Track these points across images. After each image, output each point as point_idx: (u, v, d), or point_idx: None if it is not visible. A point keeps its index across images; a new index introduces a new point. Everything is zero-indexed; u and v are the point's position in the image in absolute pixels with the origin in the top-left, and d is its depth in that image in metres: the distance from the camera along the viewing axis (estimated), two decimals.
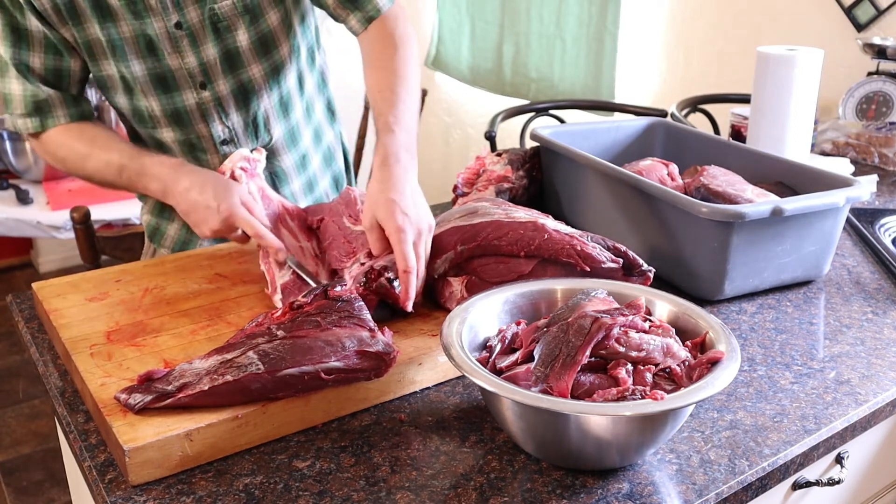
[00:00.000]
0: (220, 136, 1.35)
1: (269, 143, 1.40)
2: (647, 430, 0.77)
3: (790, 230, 1.14)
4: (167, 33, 1.24)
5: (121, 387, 0.85)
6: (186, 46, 1.26)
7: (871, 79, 1.92)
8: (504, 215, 1.05)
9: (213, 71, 1.30)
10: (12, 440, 2.58)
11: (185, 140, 1.33)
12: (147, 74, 1.26)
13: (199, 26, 1.26)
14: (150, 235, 1.48)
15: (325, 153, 1.53)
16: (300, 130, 1.45)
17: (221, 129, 1.34)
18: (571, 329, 0.80)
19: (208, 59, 1.28)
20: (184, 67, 1.27)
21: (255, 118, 1.37)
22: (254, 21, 1.29)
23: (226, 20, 1.27)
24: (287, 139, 1.43)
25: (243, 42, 1.30)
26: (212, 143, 1.35)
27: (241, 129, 1.36)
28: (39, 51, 1.22)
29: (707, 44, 2.58)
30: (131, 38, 1.23)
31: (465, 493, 0.77)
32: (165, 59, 1.26)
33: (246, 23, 1.29)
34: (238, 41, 1.29)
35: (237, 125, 1.35)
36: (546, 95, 3.08)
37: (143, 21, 1.22)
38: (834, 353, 1.03)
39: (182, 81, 1.29)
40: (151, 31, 1.23)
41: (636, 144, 1.55)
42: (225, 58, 1.30)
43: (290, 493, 0.77)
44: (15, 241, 3.67)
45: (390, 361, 0.87)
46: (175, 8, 1.22)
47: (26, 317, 1.11)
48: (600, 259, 1.00)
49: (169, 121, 1.31)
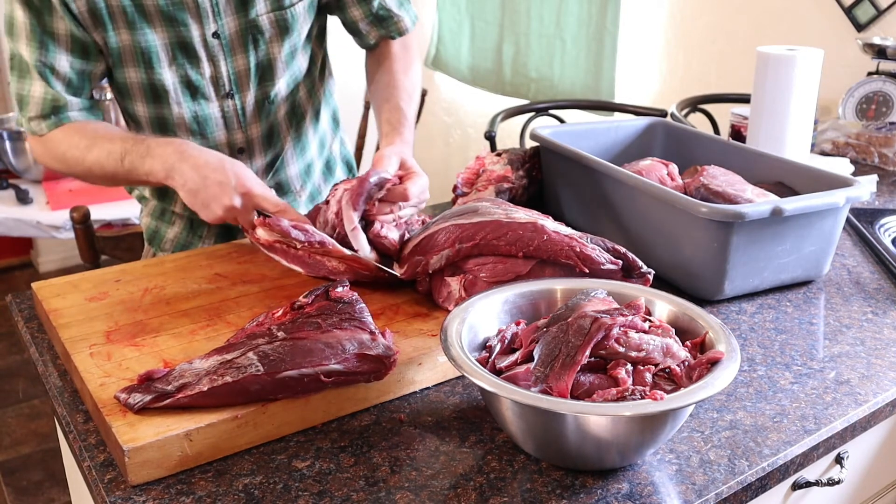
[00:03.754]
0: (238, 144, 1.36)
1: (279, 152, 1.41)
2: (647, 430, 0.77)
3: (790, 230, 1.14)
4: (203, 42, 1.24)
5: (120, 387, 0.85)
6: (220, 56, 1.27)
7: (871, 79, 1.92)
8: (504, 215, 1.05)
9: (242, 81, 1.30)
10: (12, 440, 2.58)
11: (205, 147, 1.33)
12: (178, 82, 1.26)
13: (237, 36, 1.27)
14: (149, 239, 1.48)
15: (328, 161, 1.54)
16: (308, 140, 1.47)
17: (240, 139, 1.35)
18: (571, 329, 0.80)
19: (240, 69, 1.29)
20: (215, 76, 1.28)
21: (271, 128, 1.38)
22: (288, 34, 1.31)
23: (263, 32, 1.28)
24: (296, 149, 1.44)
25: (276, 54, 1.32)
26: (228, 151, 1.35)
27: (257, 139, 1.37)
28: (66, 53, 1.20)
29: (707, 44, 2.58)
30: (165, 45, 1.23)
31: (464, 493, 0.77)
32: (198, 67, 1.26)
33: (281, 36, 1.30)
34: (272, 53, 1.31)
35: (254, 135, 1.36)
36: (546, 95, 3.08)
37: (180, 29, 1.22)
38: (834, 353, 1.03)
39: (210, 90, 1.29)
40: (188, 39, 1.23)
41: (636, 144, 1.55)
42: (257, 69, 1.31)
43: (290, 493, 0.77)
44: (15, 240, 3.67)
45: (390, 364, 0.87)
46: (215, 17, 1.23)
47: (26, 317, 1.11)
48: (599, 261, 1.00)
49: (190, 128, 1.31)
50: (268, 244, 1.11)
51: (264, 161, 1.40)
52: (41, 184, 2.66)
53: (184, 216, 1.43)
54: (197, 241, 1.44)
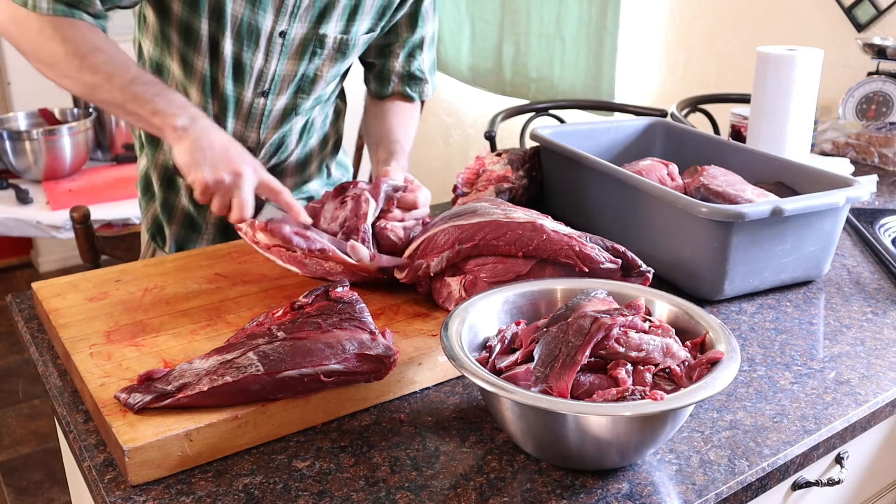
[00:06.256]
0: (248, 143, 1.36)
1: (282, 163, 1.42)
2: (647, 431, 0.77)
3: (790, 230, 1.14)
4: (269, 35, 1.25)
5: (120, 387, 0.85)
6: (276, 55, 1.27)
7: (871, 79, 1.92)
8: (503, 215, 1.05)
9: (282, 86, 1.31)
10: (12, 440, 2.58)
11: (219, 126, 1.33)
12: (231, 57, 1.25)
13: (300, 43, 1.27)
14: (151, 236, 1.48)
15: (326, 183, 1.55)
16: (312, 159, 1.48)
17: (254, 139, 1.36)
18: (571, 329, 0.80)
19: (287, 73, 1.30)
20: (262, 71, 1.28)
21: (283, 138, 1.39)
22: (343, 58, 1.33)
23: (324, 48, 1.29)
24: (298, 164, 1.46)
25: (324, 73, 1.33)
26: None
27: (268, 145, 1.38)
28: None
29: (707, 44, 2.58)
30: (236, 19, 1.22)
31: (464, 493, 0.77)
32: (254, 54, 1.26)
33: (337, 58, 1.32)
34: (321, 70, 1.32)
35: (267, 140, 1.37)
36: (546, 95, 3.08)
37: (257, 12, 1.22)
38: (834, 354, 1.03)
39: (252, 80, 1.29)
40: (258, 25, 1.23)
41: (636, 144, 1.55)
42: (300, 79, 1.32)
43: (290, 493, 0.77)
44: (15, 240, 3.67)
45: (390, 364, 0.87)
46: (290, 17, 1.23)
47: (26, 317, 1.11)
48: (599, 260, 1.00)
49: (220, 103, 1.30)
50: (266, 247, 1.11)
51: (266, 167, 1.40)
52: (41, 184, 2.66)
53: (185, 214, 1.42)
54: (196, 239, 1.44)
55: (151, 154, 1.41)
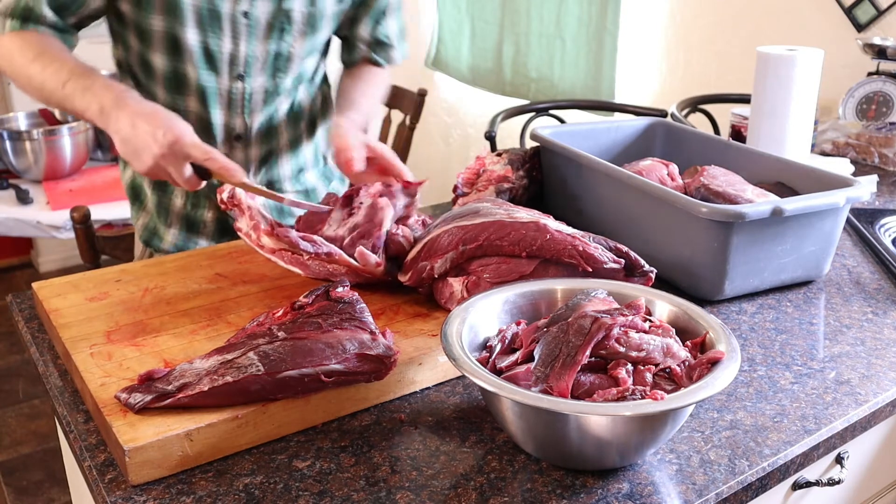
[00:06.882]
0: (236, 129, 1.36)
1: (274, 148, 1.42)
2: (647, 430, 0.77)
3: (790, 230, 1.14)
4: (232, 17, 1.25)
5: (121, 387, 0.85)
6: (244, 36, 1.27)
7: (871, 79, 1.92)
8: (506, 216, 1.05)
9: (256, 66, 1.31)
10: (12, 440, 2.58)
11: (206, 119, 1.33)
12: (198, 45, 1.25)
13: (266, 21, 1.27)
14: (145, 241, 1.47)
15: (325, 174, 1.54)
16: (302, 144, 1.47)
17: (239, 124, 1.36)
18: (571, 329, 0.80)
19: (258, 54, 1.30)
20: (233, 54, 1.28)
21: (270, 121, 1.38)
22: (313, 32, 1.33)
23: (291, 24, 1.29)
24: (291, 148, 1.45)
25: (296, 50, 1.33)
26: (225, 133, 1.36)
27: (256, 129, 1.37)
28: None
29: (707, 44, 2.58)
30: (195, 7, 1.22)
31: (465, 493, 0.77)
32: (220, 39, 1.26)
33: (306, 32, 1.32)
34: (293, 47, 1.32)
35: (254, 124, 1.37)
36: (546, 95, 3.08)
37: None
38: (834, 354, 1.03)
39: (225, 66, 1.29)
40: (218, 9, 1.23)
41: (636, 144, 1.55)
42: (274, 58, 1.32)
43: (290, 493, 0.77)
44: (15, 241, 3.67)
45: (391, 364, 0.87)
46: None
47: (26, 317, 1.11)
48: (602, 260, 1.00)
49: (197, 96, 1.31)
50: (270, 250, 1.11)
51: (259, 153, 1.41)
52: (41, 184, 2.66)
53: (181, 215, 1.42)
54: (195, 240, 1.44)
55: None
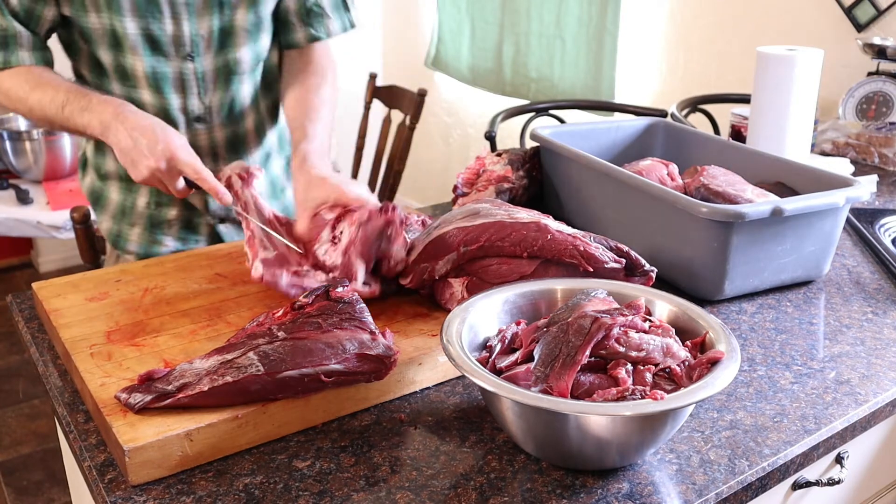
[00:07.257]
0: (195, 111, 1.35)
1: (240, 130, 1.41)
2: (647, 430, 0.77)
3: (790, 230, 1.14)
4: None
5: (121, 387, 0.85)
6: (185, 14, 1.26)
7: (871, 79, 1.92)
8: (507, 216, 1.05)
9: (203, 44, 1.30)
10: (12, 440, 2.58)
11: (161, 107, 1.32)
12: (139, 34, 1.25)
13: None
14: (112, 243, 1.47)
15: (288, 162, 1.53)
16: (267, 128, 1.47)
17: (197, 105, 1.35)
18: (571, 329, 0.80)
19: (203, 31, 1.29)
20: (177, 35, 1.27)
21: (232, 103, 1.38)
22: (254, 3, 1.31)
23: None
24: (257, 132, 1.44)
25: (241, 22, 1.31)
26: (185, 116, 1.35)
27: (217, 110, 1.37)
28: None
29: (707, 44, 2.58)
30: None
31: (465, 493, 0.77)
32: (161, 22, 1.26)
33: (247, 4, 1.31)
34: (236, 20, 1.31)
35: (213, 105, 1.36)
36: (546, 95, 3.08)
37: None
38: (834, 353, 1.03)
39: (171, 48, 1.29)
40: None
41: (636, 144, 1.55)
42: (219, 34, 1.31)
43: (290, 493, 0.77)
44: (15, 241, 3.67)
45: (391, 364, 0.87)
46: None
47: (26, 317, 1.11)
48: (603, 259, 1.00)
49: (149, 84, 1.30)
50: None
51: (224, 136, 1.40)
52: (41, 184, 2.66)
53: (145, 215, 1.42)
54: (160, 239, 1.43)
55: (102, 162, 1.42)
